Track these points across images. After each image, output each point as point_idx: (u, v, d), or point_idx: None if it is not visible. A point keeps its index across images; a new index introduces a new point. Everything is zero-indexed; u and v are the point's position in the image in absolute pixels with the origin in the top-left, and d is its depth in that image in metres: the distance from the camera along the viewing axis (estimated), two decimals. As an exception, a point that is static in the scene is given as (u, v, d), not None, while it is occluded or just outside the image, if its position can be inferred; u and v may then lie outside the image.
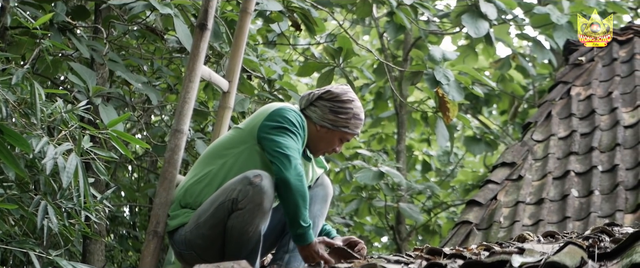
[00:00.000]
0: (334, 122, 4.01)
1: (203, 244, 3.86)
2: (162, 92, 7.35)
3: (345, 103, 4.03)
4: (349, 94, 4.05)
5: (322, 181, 4.14)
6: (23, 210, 3.87)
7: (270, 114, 3.94)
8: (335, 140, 4.05)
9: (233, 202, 3.75)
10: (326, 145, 4.05)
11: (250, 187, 3.73)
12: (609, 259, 3.19)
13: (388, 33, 10.12)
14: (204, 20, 4.32)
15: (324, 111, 4.02)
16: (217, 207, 3.80)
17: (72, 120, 3.94)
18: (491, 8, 9.03)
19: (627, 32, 9.28)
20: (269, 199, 3.75)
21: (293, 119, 3.92)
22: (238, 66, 4.61)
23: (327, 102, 4.03)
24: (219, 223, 3.80)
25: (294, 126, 3.90)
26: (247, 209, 3.73)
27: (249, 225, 3.75)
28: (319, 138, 4.04)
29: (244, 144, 3.95)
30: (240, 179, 3.77)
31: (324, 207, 4.09)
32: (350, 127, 4.03)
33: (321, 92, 4.05)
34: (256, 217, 3.75)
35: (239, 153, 3.94)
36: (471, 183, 13.74)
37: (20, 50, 5.37)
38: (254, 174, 3.76)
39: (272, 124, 3.90)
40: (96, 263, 6.32)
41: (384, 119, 12.62)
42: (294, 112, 3.96)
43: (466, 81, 8.96)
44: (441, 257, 3.65)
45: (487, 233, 7.29)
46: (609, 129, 8.06)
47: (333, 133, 4.04)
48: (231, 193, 3.76)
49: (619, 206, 7.06)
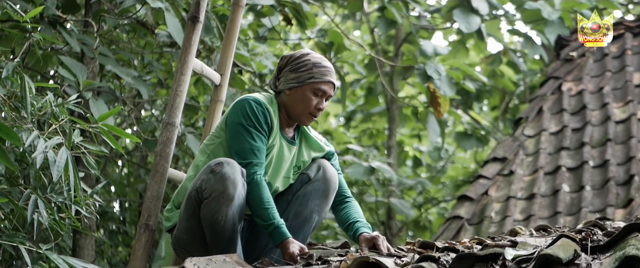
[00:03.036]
0: (298, 79, 3.96)
1: (187, 239, 3.87)
2: (152, 86, 7.33)
3: (301, 58, 3.99)
4: (303, 51, 4.04)
5: (324, 174, 4.05)
6: (13, 204, 3.84)
7: (230, 109, 3.97)
8: (308, 96, 3.96)
9: (197, 192, 3.76)
10: (303, 105, 3.97)
11: (211, 175, 3.73)
12: (602, 252, 3.18)
13: (379, 28, 10.11)
14: (196, 13, 4.30)
15: (286, 75, 4.00)
16: (188, 198, 3.82)
17: (62, 114, 3.92)
18: (482, 3, 9.03)
19: (618, 28, 9.30)
20: (232, 185, 3.72)
21: (248, 110, 3.89)
22: (230, 59, 4.59)
23: (286, 66, 4.02)
24: (192, 214, 3.80)
25: (248, 119, 3.88)
26: (212, 198, 3.72)
27: (217, 214, 3.73)
28: (293, 101, 3.98)
29: (218, 139, 3.99)
30: (204, 168, 3.79)
31: (323, 203, 4.04)
32: (316, 76, 3.95)
33: (280, 64, 4.06)
34: (223, 204, 3.72)
35: (216, 149, 3.97)
36: (462, 178, 13.74)
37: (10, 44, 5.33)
38: (216, 162, 3.76)
39: (229, 121, 3.93)
40: (86, 258, 6.29)
41: (374, 115, 12.61)
42: (251, 101, 3.91)
43: (457, 76, 8.96)
44: (434, 250, 3.65)
45: (479, 228, 7.30)
46: (600, 124, 8.08)
47: (302, 89, 3.97)
48: (196, 183, 3.78)
49: (610, 201, 7.08)
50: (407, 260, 3.49)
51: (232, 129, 3.90)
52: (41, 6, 4.94)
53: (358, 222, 4.04)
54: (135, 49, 7.03)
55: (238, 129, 3.88)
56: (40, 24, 5.53)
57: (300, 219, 3.95)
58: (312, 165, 4.07)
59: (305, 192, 4.02)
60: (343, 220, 4.09)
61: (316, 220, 4.05)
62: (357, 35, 14.77)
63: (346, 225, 4.07)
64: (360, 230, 3.99)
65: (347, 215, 4.09)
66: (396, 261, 3.47)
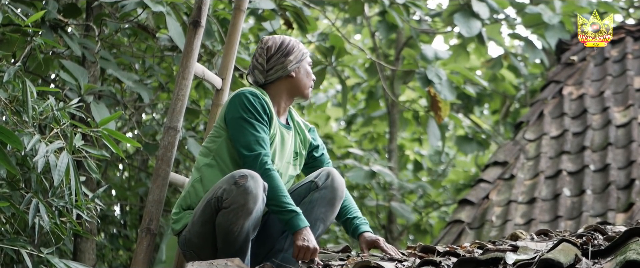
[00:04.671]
0: (296, 58, 4.13)
1: (198, 242, 3.87)
2: (153, 90, 7.33)
3: (284, 42, 4.14)
4: (275, 37, 4.17)
5: (332, 183, 4.05)
6: (14, 208, 3.84)
7: (228, 104, 4.00)
8: (307, 69, 4.17)
9: (218, 200, 3.77)
10: (308, 78, 4.16)
11: (234, 187, 3.73)
12: (603, 257, 3.19)
13: (380, 32, 10.11)
14: (198, 18, 4.30)
15: (282, 61, 4.11)
16: (206, 205, 3.82)
17: (63, 118, 3.92)
18: (483, 7, 9.03)
19: (618, 32, 9.30)
20: (253, 200, 3.74)
21: (246, 103, 3.94)
22: (231, 63, 4.60)
23: (276, 54, 4.11)
24: (208, 220, 3.81)
25: (248, 112, 3.92)
26: (231, 209, 3.74)
27: (233, 225, 3.75)
28: (299, 79, 4.14)
29: (220, 138, 4.00)
30: (228, 178, 3.79)
31: (329, 211, 4.04)
32: (303, 50, 4.18)
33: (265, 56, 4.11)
34: (240, 217, 3.75)
35: (219, 148, 3.99)
36: (463, 182, 13.74)
37: (12, 48, 5.33)
38: (240, 174, 3.76)
39: (230, 116, 3.96)
40: (87, 261, 6.30)
41: (375, 118, 12.61)
42: (248, 94, 3.97)
43: (458, 80, 8.96)
44: (435, 254, 3.65)
45: (479, 232, 7.30)
46: (601, 128, 8.08)
47: (302, 65, 4.15)
48: (217, 192, 3.78)
49: (610, 205, 7.08)
50: (409, 265, 3.49)
51: (234, 123, 3.93)
52: (43, 10, 4.94)
53: (357, 219, 4.13)
54: (136, 52, 7.04)
55: (240, 123, 3.91)
56: (42, 28, 5.54)
57: (306, 226, 3.94)
58: (321, 172, 4.07)
59: (312, 199, 4.03)
60: (340, 213, 4.15)
61: (321, 228, 4.05)
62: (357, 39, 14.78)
63: (344, 219, 4.15)
64: (361, 228, 4.08)
65: (345, 209, 4.16)
66: (397, 265, 3.48)
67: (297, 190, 4.07)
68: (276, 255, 3.99)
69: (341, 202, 4.09)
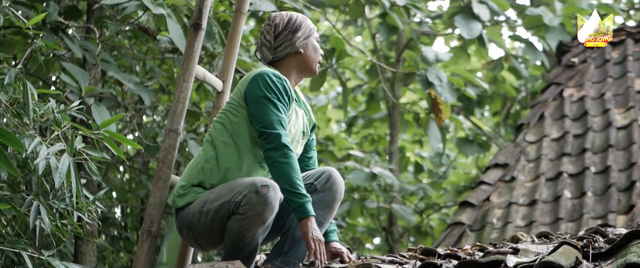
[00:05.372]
0: (303, 34, 4.13)
1: (203, 231, 3.88)
2: (154, 92, 7.33)
3: (291, 19, 4.13)
4: (283, 14, 4.17)
5: (331, 185, 4.06)
6: (15, 210, 3.84)
7: (250, 83, 3.98)
8: (315, 45, 4.18)
9: (236, 205, 3.76)
10: (316, 53, 4.18)
11: (255, 196, 3.73)
12: (604, 259, 3.19)
13: (380, 34, 10.12)
14: (199, 20, 4.30)
15: (290, 38, 4.11)
16: (221, 204, 3.81)
17: (64, 121, 3.92)
18: (484, 9, 9.04)
19: (619, 34, 9.31)
20: (270, 211, 3.75)
21: (270, 83, 3.95)
22: (232, 66, 4.60)
23: (284, 31, 4.11)
24: (220, 219, 3.82)
25: (272, 92, 3.93)
26: (247, 216, 3.74)
27: (246, 231, 3.76)
28: (308, 54, 4.16)
29: (237, 116, 3.99)
30: (249, 184, 3.78)
31: (327, 213, 4.04)
32: (310, 26, 4.17)
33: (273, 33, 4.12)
34: (255, 225, 3.76)
35: (238, 126, 3.98)
36: (463, 184, 13.74)
37: (12, 50, 5.33)
38: (262, 183, 3.76)
39: (252, 95, 3.95)
40: (88, 263, 6.30)
41: (376, 120, 12.61)
42: (271, 75, 3.97)
43: (458, 82, 8.97)
44: (435, 257, 3.65)
45: (480, 234, 7.30)
46: (602, 130, 8.08)
47: (310, 41, 4.15)
48: (236, 196, 3.77)
49: (611, 207, 7.08)
50: (409, 267, 3.50)
51: (256, 102, 3.92)
52: (43, 13, 4.94)
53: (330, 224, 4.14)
54: (137, 54, 7.04)
55: (262, 102, 3.91)
56: (42, 30, 5.54)
57: (303, 228, 3.93)
58: (322, 175, 4.07)
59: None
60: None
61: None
62: (358, 41, 14.79)
63: None
64: (330, 237, 4.12)
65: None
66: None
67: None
68: (276, 257, 3.99)
69: (339, 204, 4.10)
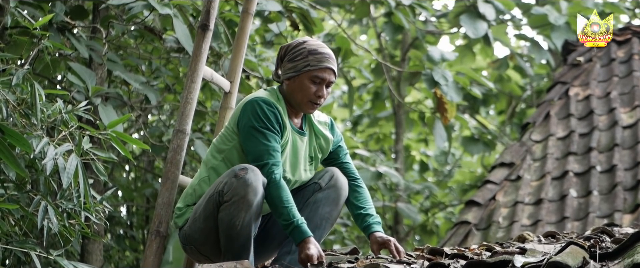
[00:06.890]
0: (295, 68, 3.96)
1: (199, 238, 3.89)
2: (160, 91, 7.34)
3: (296, 47, 3.99)
4: (300, 39, 4.02)
5: (335, 182, 4.06)
6: (23, 210, 3.86)
7: (241, 111, 3.95)
8: (306, 85, 3.94)
9: (219, 194, 3.78)
10: (302, 94, 3.95)
11: (234, 180, 3.75)
12: (611, 259, 3.19)
13: (386, 33, 10.12)
14: (206, 21, 4.30)
15: (285, 65, 4.00)
16: (208, 200, 3.84)
17: (71, 121, 3.93)
18: (489, 8, 9.04)
19: (625, 33, 9.30)
20: (253, 192, 3.75)
21: (259, 112, 3.89)
22: (239, 66, 4.60)
23: (285, 56, 4.02)
24: (210, 215, 3.83)
25: (260, 121, 3.88)
26: (232, 201, 3.75)
27: (235, 218, 3.76)
28: (292, 90, 3.97)
29: (231, 143, 3.99)
30: (228, 172, 3.82)
31: (333, 210, 4.05)
32: (311, 63, 3.94)
33: (278, 55, 4.06)
34: (242, 210, 3.75)
35: (230, 152, 3.98)
36: (469, 183, 13.74)
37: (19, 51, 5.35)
38: (240, 167, 3.79)
39: (242, 124, 3.92)
40: (94, 263, 6.32)
41: (381, 119, 12.61)
42: (261, 103, 3.90)
43: (464, 81, 8.96)
44: (443, 257, 3.65)
45: (486, 233, 7.30)
46: (608, 129, 8.07)
47: (300, 78, 3.95)
48: (219, 186, 3.80)
49: (617, 206, 7.08)
50: (416, 267, 3.50)
51: (245, 132, 3.91)
52: (51, 14, 4.95)
53: (370, 216, 4.05)
54: (143, 54, 7.05)
55: (251, 132, 3.89)
56: (49, 31, 5.55)
57: (311, 226, 3.95)
58: (325, 173, 4.08)
59: (316, 199, 4.04)
60: (354, 206, 4.11)
61: (327, 227, 4.07)
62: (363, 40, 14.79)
63: (357, 214, 4.09)
64: (372, 228, 4.01)
65: (360, 202, 4.10)
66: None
67: (302, 191, 4.08)
68: (284, 257, 4.00)
69: (344, 200, 4.09)
